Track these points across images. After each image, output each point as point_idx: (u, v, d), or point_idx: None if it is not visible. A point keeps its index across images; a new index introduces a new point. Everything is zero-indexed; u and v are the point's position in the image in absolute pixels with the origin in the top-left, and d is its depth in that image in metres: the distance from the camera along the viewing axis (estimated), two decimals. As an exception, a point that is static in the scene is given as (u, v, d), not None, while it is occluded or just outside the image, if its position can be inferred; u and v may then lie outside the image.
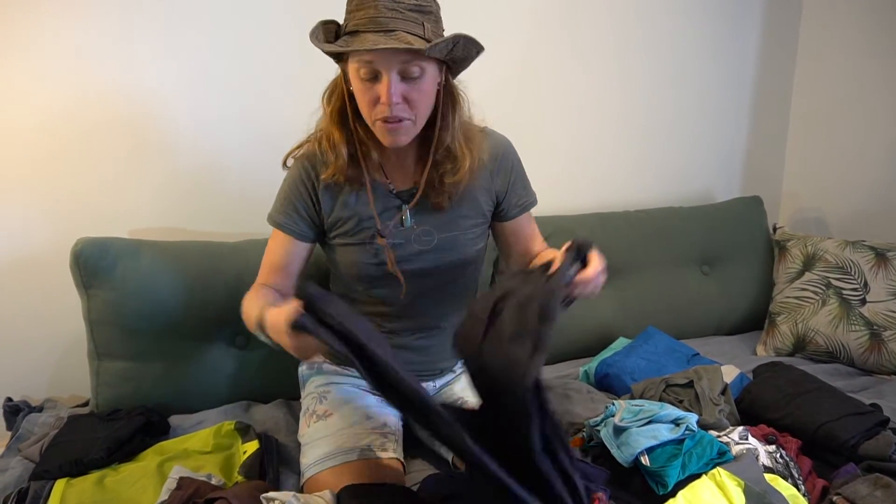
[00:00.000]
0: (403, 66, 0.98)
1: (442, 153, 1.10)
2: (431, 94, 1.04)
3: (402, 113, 1.01)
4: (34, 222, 1.43)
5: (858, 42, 1.93)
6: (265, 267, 1.18)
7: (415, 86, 1.00)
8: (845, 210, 2.01)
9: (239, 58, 1.51)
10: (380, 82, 0.99)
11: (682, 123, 2.02)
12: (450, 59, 1.03)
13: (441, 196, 1.13)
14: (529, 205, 1.24)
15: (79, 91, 1.40)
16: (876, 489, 0.98)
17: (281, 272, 1.17)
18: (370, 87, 1.00)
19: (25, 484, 1.08)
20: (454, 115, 1.08)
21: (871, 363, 1.61)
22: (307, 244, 1.18)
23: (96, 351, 1.33)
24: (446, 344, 1.26)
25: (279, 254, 1.17)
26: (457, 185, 1.12)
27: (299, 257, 1.18)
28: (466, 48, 1.01)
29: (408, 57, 0.97)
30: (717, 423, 1.15)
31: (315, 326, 0.82)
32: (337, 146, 1.09)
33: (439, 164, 1.11)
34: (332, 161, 1.10)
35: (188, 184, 1.53)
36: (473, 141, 1.12)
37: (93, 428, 1.22)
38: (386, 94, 0.98)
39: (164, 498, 0.99)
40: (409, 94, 1.00)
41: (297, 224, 1.16)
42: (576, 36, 1.82)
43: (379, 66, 0.98)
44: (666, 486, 0.97)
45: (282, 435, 1.27)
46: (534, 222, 1.26)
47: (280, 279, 1.17)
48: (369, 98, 1.01)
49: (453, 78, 1.09)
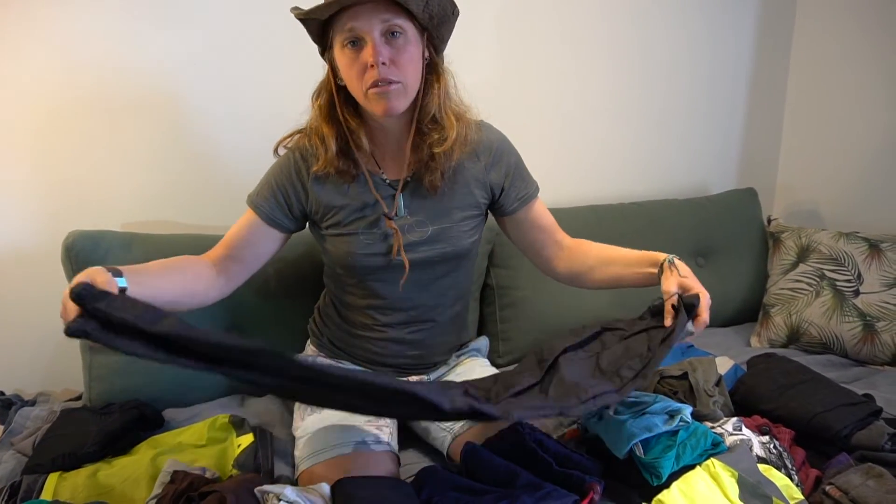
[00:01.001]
0: (384, 24, 1.00)
1: (428, 123, 1.10)
2: (417, 61, 1.05)
3: (390, 75, 1.01)
4: (26, 216, 1.42)
5: (853, 34, 1.92)
6: (222, 241, 1.16)
7: (399, 47, 1.02)
8: (839, 202, 2.02)
9: (233, 50, 1.49)
10: (365, 47, 1.00)
11: (676, 115, 2.02)
12: (427, 18, 1.04)
13: (434, 174, 1.12)
14: (530, 196, 1.22)
15: (69, 84, 1.39)
16: (868, 479, 0.98)
17: (228, 247, 1.14)
18: (356, 56, 1.01)
19: (18, 478, 1.08)
20: (438, 85, 1.10)
21: (864, 354, 1.62)
22: (274, 232, 1.15)
23: (89, 344, 1.33)
24: (440, 337, 1.27)
25: (238, 229, 1.15)
26: (448, 156, 1.11)
27: (256, 239, 1.15)
28: (441, 4, 1.03)
29: (388, 15, 1.00)
30: (712, 415, 1.15)
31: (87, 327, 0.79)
32: (326, 140, 1.09)
33: (426, 135, 1.11)
34: (321, 156, 1.10)
35: (180, 177, 1.52)
36: (461, 117, 1.13)
37: (86, 421, 1.22)
38: (372, 53, 1.00)
39: (158, 491, 0.98)
40: (395, 57, 1.02)
41: (273, 208, 1.14)
42: (569, 27, 1.81)
43: (361, 28, 0.99)
44: (660, 477, 0.97)
45: (276, 428, 1.27)
46: (548, 212, 1.25)
47: (224, 253, 1.14)
48: (357, 69, 1.02)
49: (437, 55, 1.10)
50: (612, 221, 1.76)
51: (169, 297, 0.99)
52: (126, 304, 0.82)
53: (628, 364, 0.97)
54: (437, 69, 1.11)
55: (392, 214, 1.13)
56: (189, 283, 1.06)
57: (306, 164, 1.14)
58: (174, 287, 1.02)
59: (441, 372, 1.30)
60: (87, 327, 0.79)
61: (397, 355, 1.24)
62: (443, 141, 1.09)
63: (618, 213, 1.80)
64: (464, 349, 1.35)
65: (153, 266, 1.02)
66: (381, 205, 1.13)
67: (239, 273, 1.15)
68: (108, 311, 0.79)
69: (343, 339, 1.26)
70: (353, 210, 1.14)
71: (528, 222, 1.23)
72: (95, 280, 0.84)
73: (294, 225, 1.18)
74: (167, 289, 1.00)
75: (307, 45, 1.10)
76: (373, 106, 1.04)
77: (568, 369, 0.99)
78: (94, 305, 0.80)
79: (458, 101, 1.14)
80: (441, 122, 1.10)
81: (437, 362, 1.29)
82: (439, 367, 1.30)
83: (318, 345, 1.31)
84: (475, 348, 1.37)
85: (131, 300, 0.84)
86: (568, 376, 0.97)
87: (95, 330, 0.79)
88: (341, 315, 1.25)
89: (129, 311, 0.80)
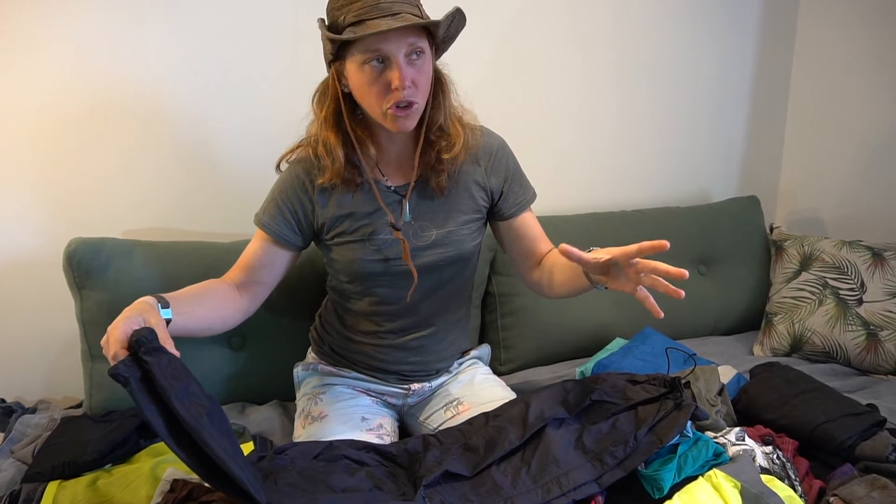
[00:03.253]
0: (410, 47, 1.00)
1: (436, 132, 1.11)
2: (431, 75, 1.07)
3: (412, 97, 1.02)
4: (27, 223, 1.42)
5: (856, 42, 1.92)
6: (237, 263, 1.17)
7: (419, 69, 1.03)
8: (842, 210, 2.01)
9: (233, 57, 1.50)
10: (389, 69, 1.00)
11: (678, 123, 2.02)
12: (442, 38, 1.06)
13: (441, 176, 1.13)
14: (527, 202, 1.23)
15: (71, 91, 1.40)
16: (873, 490, 0.97)
17: (247, 271, 1.16)
18: (378, 76, 1.01)
19: (17, 486, 1.08)
20: (444, 96, 1.11)
21: (867, 363, 1.61)
22: (285, 251, 1.16)
23: (90, 352, 1.33)
24: (442, 343, 1.26)
25: (253, 252, 1.16)
26: (454, 161, 1.12)
27: (270, 259, 1.16)
28: (457, 24, 1.06)
29: (413, 38, 1.00)
30: (714, 424, 1.15)
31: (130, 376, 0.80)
32: (333, 150, 1.09)
33: (434, 143, 1.12)
34: (328, 166, 1.10)
35: (182, 185, 1.52)
36: (466, 123, 1.15)
37: (86, 430, 1.21)
38: (399, 78, 0.99)
39: (158, 500, 0.98)
40: (416, 77, 1.02)
41: (281, 227, 1.15)
42: (571, 33, 1.81)
43: (389, 50, 0.99)
44: (662, 490, 0.96)
45: (277, 437, 1.27)
46: (537, 223, 1.25)
47: (244, 277, 1.16)
48: (378, 87, 1.01)
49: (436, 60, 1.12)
50: (613, 229, 1.76)
51: (205, 325, 1.06)
52: (170, 370, 0.83)
53: (611, 450, 0.98)
54: (442, 79, 1.12)
55: (399, 224, 1.13)
56: (220, 308, 1.10)
57: (310, 178, 1.14)
58: (209, 313, 1.07)
59: (443, 379, 1.30)
60: (131, 376, 0.80)
61: (399, 362, 1.24)
62: (451, 147, 1.11)
63: (619, 221, 1.80)
64: (465, 357, 1.35)
65: (189, 293, 1.05)
66: (387, 212, 1.13)
67: (261, 293, 1.18)
68: (155, 372, 0.80)
69: (344, 347, 1.26)
70: (359, 218, 1.14)
71: (521, 229, 1.23)
72: (150, 322, 0.86)
73: (303, 242, 1.18)
74: (203, 316, 1.04)
75: (310, 55, 1.10)
76: (389, 124, 1.05)
77: (553, 436, 1.01)
78: (146, 357, 0.81)
79: (459, 108, 1.15)
80: (447, 130, 1.12)
81: (439, 369, 1.29)
82: (441, 374, 1.30)
83: (319, 352, 1.30)
84: (477, 356, 1.37)
85: (177, 364, 0.85)
86: (552, 448, 0.99)
87: (136, 381, 0.80)
88: (343, 322, 1.25)
89: (169, 378, 0.81)
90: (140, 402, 0.79)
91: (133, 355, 0.81)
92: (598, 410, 1.06)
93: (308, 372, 1.30)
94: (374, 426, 1.17)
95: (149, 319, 0.87)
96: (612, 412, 1.05)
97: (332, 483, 0.93)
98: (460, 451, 1.02)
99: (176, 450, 0.80)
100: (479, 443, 1.03)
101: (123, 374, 0.79)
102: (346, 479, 0.94)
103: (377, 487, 0.94)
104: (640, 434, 0.99)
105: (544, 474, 0.95)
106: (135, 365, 0.81)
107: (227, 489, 0.82)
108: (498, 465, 0.98)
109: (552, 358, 1.64)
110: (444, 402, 1.25)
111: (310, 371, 1.30)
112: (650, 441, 0.99)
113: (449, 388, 1.29)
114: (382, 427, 1.19)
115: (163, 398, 0.80)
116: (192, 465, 0.81)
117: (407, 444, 1.07)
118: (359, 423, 1.17)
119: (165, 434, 0.80)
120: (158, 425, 0.80)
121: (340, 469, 0.97)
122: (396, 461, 1.04)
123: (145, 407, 0.79)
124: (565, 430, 1.03)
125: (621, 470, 0.96)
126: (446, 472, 0.96)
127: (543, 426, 1.03)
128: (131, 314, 0.87)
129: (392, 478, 0.99)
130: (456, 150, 1.11)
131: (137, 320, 0.86)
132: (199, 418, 0.80)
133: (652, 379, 1.11)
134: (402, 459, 1.04)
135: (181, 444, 0.80)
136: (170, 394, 0.79)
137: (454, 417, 1.20)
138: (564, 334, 1.64)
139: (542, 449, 0.99)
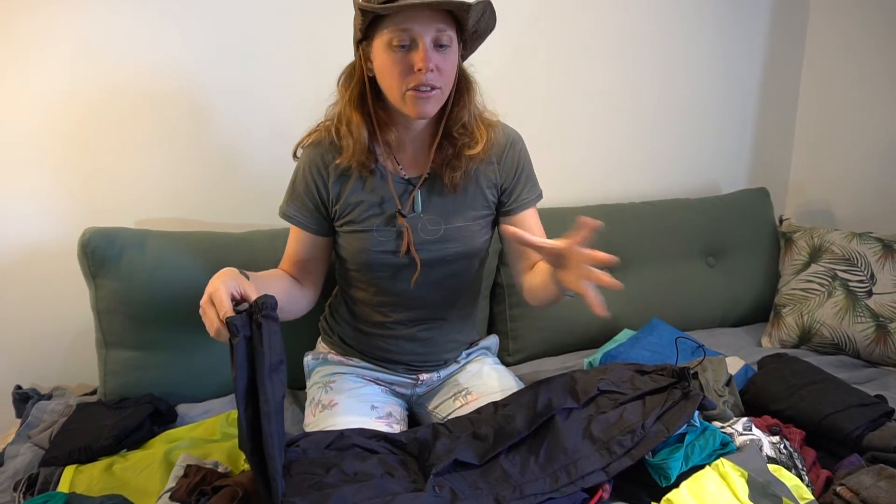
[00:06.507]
0: (438, 33, 1.02)
1: (459, 129, 1.12)
2: (455, 68, 1.08)
3: (435, 81, 1.03)
4: (42, 213, 1.44)
5: (867, 33, 1.91)
6: (284, 258, 1.22)
7: (445, 56, 1.04)
8: (852, 202, 2.00)
9: (247, 49, 1.50)
10: (415, 50, 1.01)
11: (688, 115, 2.01)
12: (471, 32, 1.07)
13: (455, 172, 1.14)
14: (530, 202, 1.22)
15: (84, 81, 1.41)
16: (880, 480, 0.98)
17: (292, 263, 1.19)
18: (403, 56, 1.02)
19: (35, 470, 1.10)
20: (469, 95, 1.13)
21: (876, 355, 1.61)
22: (318, 237, 1.18)
23: (104, 340, 1.34)
24: (450, 335, 1.27)
25: (291, 245, 1.20)
26: (473, 159, 1.13)
27: (309, 250, 1.19)
28: (487, 21, 1.07)
29: (443, 25, 1.01)
30: (721, 415, 1.15)
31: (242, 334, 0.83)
32: (357, 130, 1.10)
33: (456, 140, 1.13)
34: (349, 146, 1.11)
35: (195, 175, 1.53)
36: (492, 124, 1.16)
37: (101, 416, 1.24)
38: (423, 59, 1.00)
39: (172, 485, 1.00)
40: (440, 64, 1.03)
41: (304, 216, 1.16)
42: (583, 26, 1.81)
43: (416, 31, 1.00)
44: (669, 478, 0.97)
45: (287, 424, 1.28)
46: (539, 227, 1.24)
47: (293, 270, 1.20)
48: (402, 68, 1.02)
49: (462, 61, 1.12)
50: (622, 221, 1.76)
51: (281, 305, 1.06)
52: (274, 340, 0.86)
53: (619, 439, 0.98)
54: (467, 77, 1.13)
55: (406, 212, 1.14)
56: (294, 294, 1.15)
57: (324, 160, 1.15)
58: (285, 297, 1.09)
59: (451, 369, 1.31)
60: (242, 332, 0.84)
61: (407, 352, 1.25)
62: (474, 145, 1.12)
63: (628, 213, 1.79)
64: (474, 347, 1.35)
65: (263, 273, 1.10)
66: (397, 201, 1.14)
67: (317, 280, 1.23)
68: (263, 336, 0.84)
69: (354, 337, 1.27)
70: (370, 206, 1.15)
71: (520, 227, 1.22)
72: (244, 287, 0.90)
73: (329, 225, 1.19)
74: (282, 298, 1.04)
75: (326, 46, 1.10)
76: (407, 107, 1.05)
77: (561, 425, 1.02)
78: (262, 320, 0.84)
79: (482, 107, 1.16)
80: (471, 129, 1.13)
81: (447, 359, 1.30)
82: (449, 364, 1.31)
83: (329, 342, 1.32)
84: (485, 347, 1.38)
85: (279, 340, 0.87)
86: (561, 437, 1.00)
87: (244, 338, 0.84)
88: (352, 312, 1.26)
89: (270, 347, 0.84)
90: (236, 357, 0.83)
91: (248, 315, 0.85)
92: (606, 400, 1.07)
93: (318, 361, 1.31)
94: (383, 414, 1.19)
95: (242, 285, 0.90)
96: (620, 402, 1.05)
97: (345, 468, 0.94)
98: (469, 440, 1.03)
99: (241, 413, 0.84)
100: (487, 432, 1.04)
101: (238, 325, 0.83)
102: (358, 465, 0.96)
103: (388, 474, 0.95)
104: (648, 423, 1.00)
105: (553, 463, 0.96)
106: (248, 325, 0.85)
107: (257, 470, 0.86)
108: (507, 454, 1.00)
109: (560, 349, 1.65)
110: (453, 392, 1.26)
111: (320, 360, 1.31)
112: (658, 430, 0.99)
113: (457, 378, 1.30)
114: (392, 415, 1.20)
115: (254, 364, 0.83)
116: (244, 435, 0.85)
117: (417, 432, 1.09)
118: (368, 410, 1.18)
119: (242, 395, 0.84)
120: (241, 383, 0.83)
121: (351, 457, 0.98)
122: (406, 449, 1.05)
123: (239, 363, 0.83)
124: (574, 420, 1.04)
125: (629, 459, 0.97)
126: (456, 461, 0.97)
127: (552, 415, 1.04)
128: (226, 278, 0.90)
129: (403, 465, 1.00)
130: (479, 148, 1.12)
131: (233, 284, 0.89)
132: (275, 395, 0.84)
133: (660, 369, 1.12)
134: (412, 448, 1.05)
135: (247, 408, 0.84)
136: (265, 361, 0.83)
137: (463, 407, 1.21)
138: (572, 325, 1.64)
139: (550, 438, 1.00)
